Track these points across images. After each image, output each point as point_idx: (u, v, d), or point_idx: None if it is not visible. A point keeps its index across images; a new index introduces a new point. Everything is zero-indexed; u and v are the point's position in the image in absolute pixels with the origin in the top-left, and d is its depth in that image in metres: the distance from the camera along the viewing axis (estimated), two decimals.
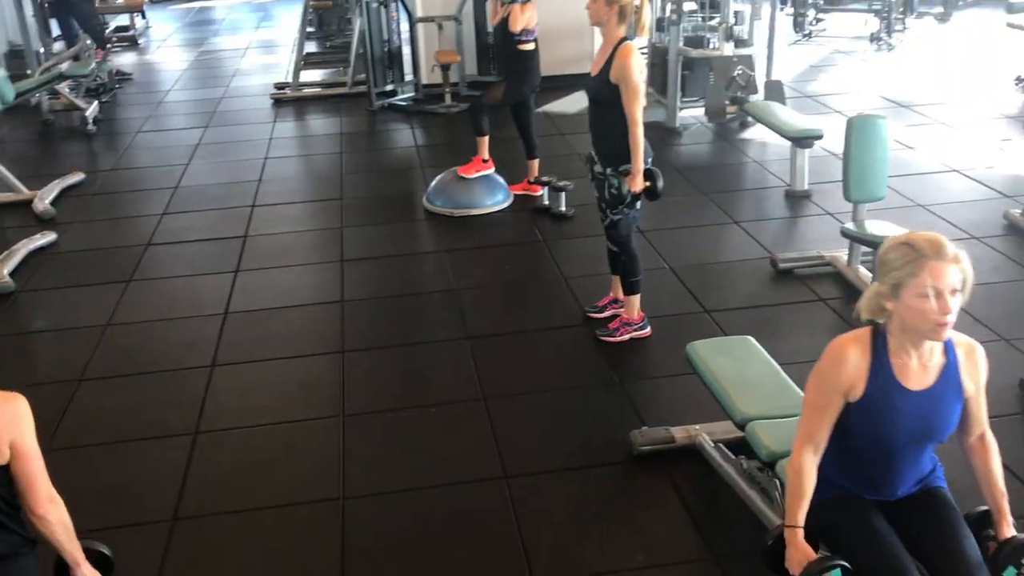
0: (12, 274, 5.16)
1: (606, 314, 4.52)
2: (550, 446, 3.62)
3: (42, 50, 9.63)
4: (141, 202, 6.54)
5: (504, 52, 6.11)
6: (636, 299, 4.33)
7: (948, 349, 2.30)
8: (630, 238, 4.24)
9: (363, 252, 5.54)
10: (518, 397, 3.96)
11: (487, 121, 6.05)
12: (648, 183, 4.05)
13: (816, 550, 2.32)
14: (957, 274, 2.13)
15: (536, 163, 6.26)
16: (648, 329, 4.36)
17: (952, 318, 2.14)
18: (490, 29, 7.84)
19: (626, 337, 4.32)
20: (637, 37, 4.07)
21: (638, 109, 3.95)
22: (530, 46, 5.91)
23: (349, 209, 6.23)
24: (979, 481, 2.42)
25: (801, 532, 2.31)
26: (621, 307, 4.43)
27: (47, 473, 2.18)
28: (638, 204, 4.14)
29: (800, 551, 2.29)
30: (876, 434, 2.30)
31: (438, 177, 6.23)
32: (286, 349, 4.44)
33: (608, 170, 4.10)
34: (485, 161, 6.10)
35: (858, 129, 4.57)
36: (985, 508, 2.43)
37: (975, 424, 2.39)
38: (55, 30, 10.66)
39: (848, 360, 2.26)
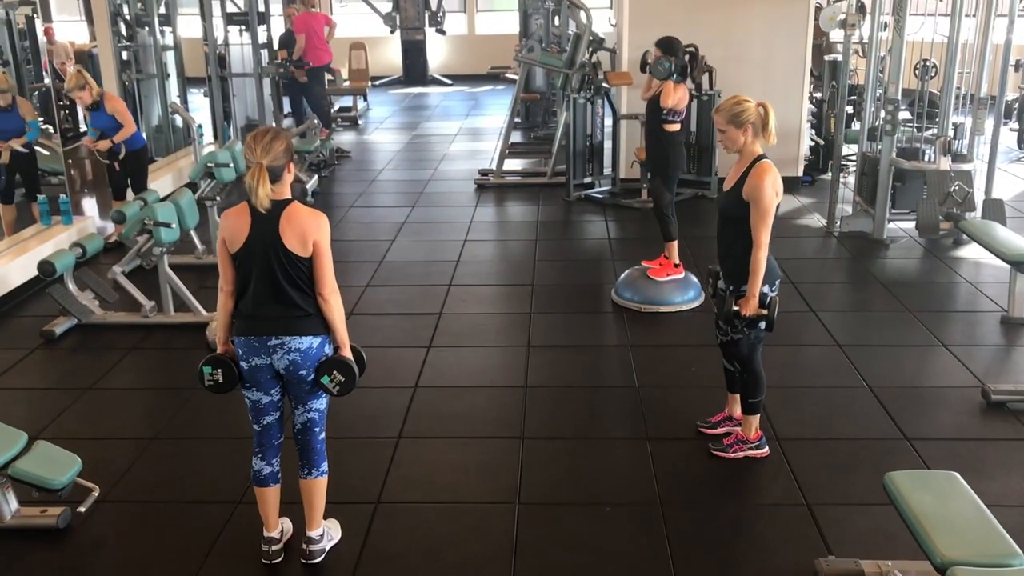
0: None
1: (719, 430, 4.36)
2: (727, 563, 3.48)
3: (273, 125, 10.53)
4: (348, 273, 6.92)
5: (649, 129, 6.03)
6: (755, 419, 4.17)
7: None
8: (753, 357, 4.08)
9: (549, 339, 5.61)
10: (696, 507, 3.85)
11: (675, 225, 6.04)
12: (763, 310, 3.84)
13: None
14: None
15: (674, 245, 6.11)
16: (766, 449, 4.18)
17: None
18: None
19: (741, 454, 4.15)
20: (764, 143, 3.86)
21: (765, 232, 3.76)
22: (675, 127, 5.88)
23: (539, 295, 6.35)
24: None
25: None
26: (737, 425, 4.28)
27: (334, 275, 3.18)
28: (762, 325, 3.92)
29: None
30: None
31: (628, 271, 6.27)
32: (469, 429, 4.53)
33: (730, 287, 3.96)
34: (676, 266, 6.08)
35: None
36: None
37: None
38: (287, 107, 11.68)
39: None
